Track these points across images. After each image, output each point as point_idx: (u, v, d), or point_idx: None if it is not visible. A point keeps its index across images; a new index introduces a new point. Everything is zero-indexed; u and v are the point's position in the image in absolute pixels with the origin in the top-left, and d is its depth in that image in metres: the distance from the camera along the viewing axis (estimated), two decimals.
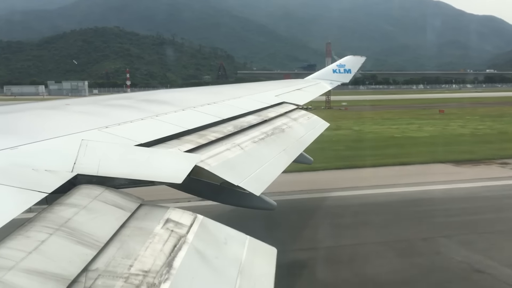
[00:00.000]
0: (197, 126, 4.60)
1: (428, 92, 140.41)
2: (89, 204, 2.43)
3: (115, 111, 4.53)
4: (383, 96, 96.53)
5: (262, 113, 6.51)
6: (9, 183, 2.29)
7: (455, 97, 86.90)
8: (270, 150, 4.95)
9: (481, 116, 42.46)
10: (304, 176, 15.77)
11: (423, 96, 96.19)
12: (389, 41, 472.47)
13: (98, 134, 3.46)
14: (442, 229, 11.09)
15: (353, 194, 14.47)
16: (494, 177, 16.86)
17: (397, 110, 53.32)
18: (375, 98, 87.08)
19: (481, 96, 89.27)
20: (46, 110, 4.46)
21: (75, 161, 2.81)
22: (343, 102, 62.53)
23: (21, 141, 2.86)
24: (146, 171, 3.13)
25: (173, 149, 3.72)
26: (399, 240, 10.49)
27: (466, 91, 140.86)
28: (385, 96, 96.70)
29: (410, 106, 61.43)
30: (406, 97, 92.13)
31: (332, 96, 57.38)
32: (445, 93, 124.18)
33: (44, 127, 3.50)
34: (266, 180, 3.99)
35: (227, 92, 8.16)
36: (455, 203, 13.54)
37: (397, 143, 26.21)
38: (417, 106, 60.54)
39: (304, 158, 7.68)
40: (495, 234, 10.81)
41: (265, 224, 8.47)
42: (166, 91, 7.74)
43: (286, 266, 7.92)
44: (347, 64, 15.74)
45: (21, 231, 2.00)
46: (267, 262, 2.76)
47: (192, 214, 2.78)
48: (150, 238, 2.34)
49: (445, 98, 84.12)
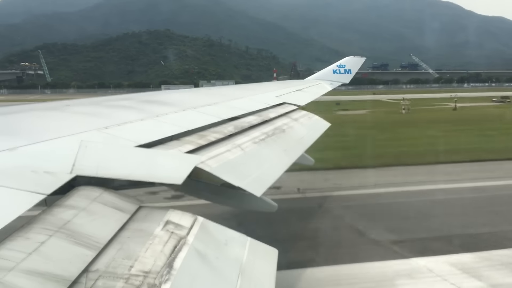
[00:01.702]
0: (198, 127, 4.58)
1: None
2: (88, 206, 2.42)
3: (115, 112, 4.51)
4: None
5: (262, 113, 6.49)
6: (9, 184, 2.28)
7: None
8: (271, 151, 4.92)
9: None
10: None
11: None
12: (402, 41, 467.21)
13: (97, 135, 3.44)
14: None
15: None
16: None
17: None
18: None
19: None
20: (45, 111, 4.44)
21: (74, 162, 2.79)
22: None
23: (20, 142, 2.85)
24: (146, 172, 3.11)
25: (173, 150, 3.70)
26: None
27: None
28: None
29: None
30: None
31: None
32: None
33: (44, 128, 3.48)
34: (267, 181, 3.97)
35: (228, 93, 8.15)
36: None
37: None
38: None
39: (305, 159, 7.66)
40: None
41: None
42: (166, 92, 7.72)
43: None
44: (347, 65, 15.79)
45: (21, 233, 1.99)
46: (268, 263, 2.75)
47: (192, 215, 2.76)
48: (150, 239, 2.32)
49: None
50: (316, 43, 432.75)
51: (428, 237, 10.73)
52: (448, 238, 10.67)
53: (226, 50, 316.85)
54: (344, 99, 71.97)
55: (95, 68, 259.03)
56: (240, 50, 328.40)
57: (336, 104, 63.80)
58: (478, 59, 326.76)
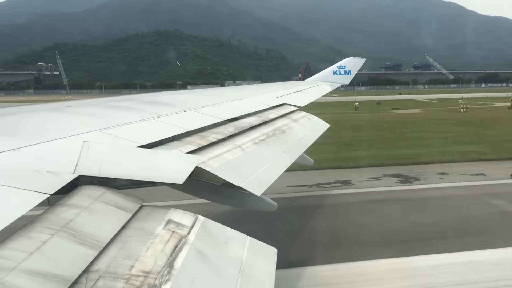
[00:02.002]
0: (198, 127, 4.61)
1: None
2: (91, 205, 2.44)
3: (117, 113, 4.54)
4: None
5: (262, 114, 6.52)
6: (12, 184, 2.30)
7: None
8: (271, 151, 4.95)
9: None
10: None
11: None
12: (405, 42, 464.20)
13: (99, 135, 3.47)
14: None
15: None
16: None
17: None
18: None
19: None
20: (48, 111, 4.47)
21: (77, 163, 2.82)
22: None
23: (23, 142, 2.88)
24: (148, 172, 3.14)
25: (174, 150, 3.73)
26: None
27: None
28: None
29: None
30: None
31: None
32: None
33: (46, 128, 3.51)
34: (267, 181, 4.00)
35: (228, 94, 8.18)
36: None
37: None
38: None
39: (304, 159, 7.69)
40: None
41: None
42: (168, 93, 7.75)
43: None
44: (347, 66, 15.75)
45: (23, 232, 2.01)
46: (268, 262, 2.77)
47: (193, 215, 2.79)
48: (151, 239, 2.34)
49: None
50: (319, 43, 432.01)
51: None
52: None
53: (235, 51, 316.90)
54: (378, 99, 70.61)
55: (106, 68, 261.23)
56: (249, 51, 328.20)
57: (377, 104, 62.98)
58: (482, 59, 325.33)
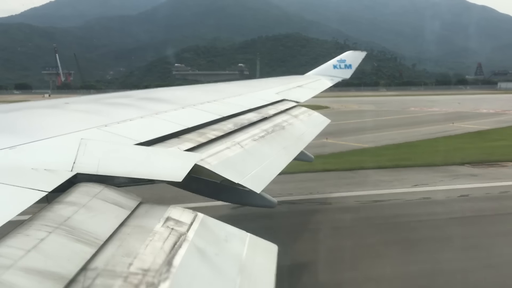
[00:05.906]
0: (197, 124, 4.59)
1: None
2: (89, 202, 2.42)
3: (115, 110, 4.52)
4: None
5: (262, 110, 6.49)
6: (9, 182, 2.29)
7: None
8: (271, 148, 4.93)
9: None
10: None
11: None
12: (448, 44, 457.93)
13: (97, 133, 3.45)
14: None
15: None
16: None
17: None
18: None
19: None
20: (45, 109, 4.45)
21: (75, 160, 2.81)
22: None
23: (20, 140, 2.86)
24: (146, 170, 3.12)
25: (173, 147, 3.71)
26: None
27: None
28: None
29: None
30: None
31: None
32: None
33: (43, 126, 3.49)
34: (267, 177, 3.99)
35: (228, 90, 8.14)
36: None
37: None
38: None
39: (305, 156, 7.66)
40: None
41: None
42: (166, 89, 7.72)
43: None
44: (348, 60, 15.59)
45: (20, 230, 1.99)
46: (268, 259, 2.75)
47: (192, 212, 2.77)
48: (150, 236, 2.33)
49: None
50: (371, 44, 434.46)
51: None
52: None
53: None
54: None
55: (250, 70, 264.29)
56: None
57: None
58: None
